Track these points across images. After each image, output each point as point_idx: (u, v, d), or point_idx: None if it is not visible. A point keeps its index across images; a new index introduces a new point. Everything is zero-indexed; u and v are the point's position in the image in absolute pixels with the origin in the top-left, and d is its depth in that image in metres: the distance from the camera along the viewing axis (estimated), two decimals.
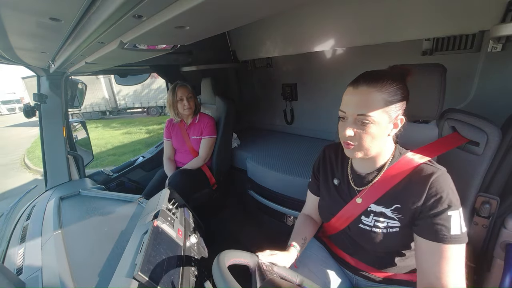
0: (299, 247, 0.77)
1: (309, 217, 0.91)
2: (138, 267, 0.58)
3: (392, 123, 0.64)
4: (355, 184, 0.75)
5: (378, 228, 0.68)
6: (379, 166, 0.71)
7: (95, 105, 12.99)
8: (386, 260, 0.75)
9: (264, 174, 1.70)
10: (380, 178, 0.69)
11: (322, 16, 1.48)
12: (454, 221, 0.57)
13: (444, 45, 1.27)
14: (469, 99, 1.19)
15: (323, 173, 0.85)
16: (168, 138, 1.81)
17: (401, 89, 0.62)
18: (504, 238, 0.80)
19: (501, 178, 0.77)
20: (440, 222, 0.58)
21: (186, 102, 1.64)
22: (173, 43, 0.67)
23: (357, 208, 0.72)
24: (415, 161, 0.66)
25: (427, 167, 0.64)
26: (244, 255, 0.63)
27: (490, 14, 0.96)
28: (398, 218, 0.66)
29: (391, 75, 0.63)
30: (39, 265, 0.73)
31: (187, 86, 1.66)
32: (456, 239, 0.57)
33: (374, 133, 0.62)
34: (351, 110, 0.63)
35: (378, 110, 0.60)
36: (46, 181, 1.45)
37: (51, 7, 0.43)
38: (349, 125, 0.64)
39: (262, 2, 0.40)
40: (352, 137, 0.64)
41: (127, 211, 1.00)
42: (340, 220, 0.77)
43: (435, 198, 0.59)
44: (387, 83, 0.61)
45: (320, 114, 2.07)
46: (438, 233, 0.58)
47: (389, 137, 0.67)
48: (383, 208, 0.68)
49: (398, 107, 0.63)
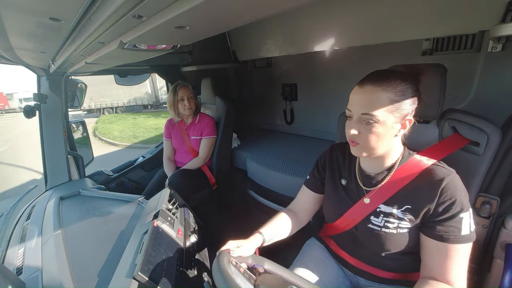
0: (267, 236, 0.75)
1: (293, 216, 0.87)
2: (138, 267, 0.58)
3: (400, 123, 0.62)
4: (363, 184, 0.74)
5: (388, 229, 0.68)
6: (388, 167, 0.70)
7: (138, 99, 14.74)
8: (388, 261, 0.74)
9: (264, 174, 1.70)
10: (390, 179, 0.68)
11: (322, 16, 1.48)
12: (465, 222, 0.58)
13: (444, 45, 1.27)
14: (469, 99, 1.19)
15: (330, 172, 0.84)
16: (168, 138, 1.81)
17: (410, 89, 0.61)
18: (504, 238, 0.80)
19: (501, 178, 0.77)
20: (453, 224, 0.58)
21: (187, 102, 1.64)
22: (173, 43, 0.67)
23: (365, 208, 0.72)
24: (424, 163, 0.65)
25: (439, 169, 0.63)
26: (224, 256, 0.62)
27: (490, 14, 0.96)
28: (408, 219, 0.65)
29: (399, 75, 0.62)
30: (39, 265, 0.73)
31: (188, 86, 1.67)
32: (465, 238, 0.58)
33: (380, 133, 0.61)
34: (356, 109, 0.63)
35: (383, 109, 0.59)
36: (46, 181, 1.45)
37: (51, 7, 0.43)
38: (354, 124, 0.64)
39: (262, 2, 0.40)
40: (357, 136, 0.64)
41: (127, 211, 1.00)
42: (347, 220, 0.76)
43: (449, 202, 0.59)
44: (394, 82, 0.60)
45: (320, 114, 2.06)
46: (449, 234, 0.58)
47: (397, 138, 0.66)
48: (393, 209, 0.67)
49: (406, 108, 0.61)
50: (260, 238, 0.74)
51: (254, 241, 0.71)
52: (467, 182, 0.81)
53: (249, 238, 0.72)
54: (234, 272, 0.55)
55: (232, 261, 0.59)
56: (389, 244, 0.68)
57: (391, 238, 0.67)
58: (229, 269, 0.54)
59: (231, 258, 0.60)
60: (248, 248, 0.68)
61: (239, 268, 0.58)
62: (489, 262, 0.85)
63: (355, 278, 0.83)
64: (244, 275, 0.56)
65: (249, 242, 0.70)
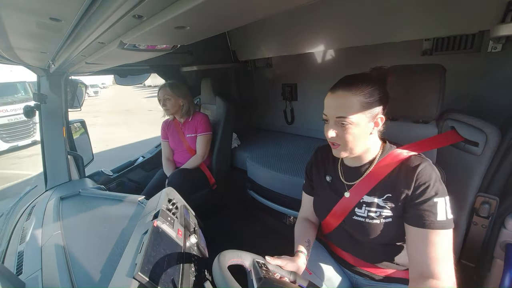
0: (305, 251, 0.78)
1: (307, 220, 0.91)
2: (138, 267, 0.58)
3: (373, 122, 0.68)
4: (346, 178, 0.78)
5: (371, 219, 0.71)
6: (369, 161, 0.74)
7: None
8: (383, 256, 0.76)
9: (264, 174, 1.70)
10: (370, 171, 0.73)
11: (322, 16, 1.48)
12: (440, 207, 0.61)
13: (444, 45, 1.27)
14: (469, 99, 1.19)
15: (316, 172, 0.88)
16: (165, 139, 1.83)
17: (377, 90, 0.66)
18: (504, 238, 0.80)
19: (500, 178, 0.77)
20: (427, 208, 0.61)
21: (163, 103, 1.70)
22: (173, 43, 0.67)
23: (349, 202, 0.75)
24: (404, 154, 0.70)
25: (415, 158, 0.68)
26: (244, 255, 0.63)
27: (490, 14, 0.96)
28: (390, 207, 0.68)
29: (368, 78, 0.67)
30: (39, 265, 0.73)
31: (167, 87, 1.69)
32: (442, 224, 0.60)
33: (355, 133, 0.66)
34: (331, 113, 0.69)
35: (355, 112, 0.65)
36: (46, 181, 1.45)
37: (51, 7, 0.44)
38: (331, 127, 0.69)
39: (262, 2, 0.40)
40: (335, 138, 0.70)
41: (127, 211, 1.00)
42: (335, 216, 0.79)
43: (424, 187, 0.63)
44: (362, 86, 0.65)
45: (320, 114, 2.05)
46: (425, 219, 0.61)
47: (373, 135, 0.71)
48: (375, 198, 0.71)
49: (377, 107, 0.66)
50: (304, 257, 0.76)
51: (298, 259, 0.74)
52: (466, 182, 0.81)
53: (293, 257, 0.74)
54: (255, 275, 0.56)
55: (258, 263, 0.61)
56: (373, 233, 0.70)
57: (375, 228, 0.70)
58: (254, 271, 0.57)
59: (256, 260, 0.62)
60: (290, 263, 0.70)
61: (260, 272, 0.58)
62: (489, 262, 0.85)
63: (354, 277, 0.84)
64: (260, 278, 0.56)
65: (291, 258, 0.73)
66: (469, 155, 0.76)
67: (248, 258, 0.63)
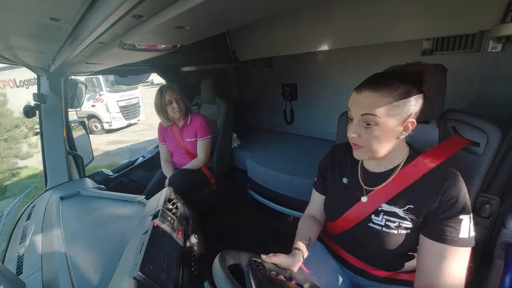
0: (304, 248, 0.75)
1: (313, 218, 0.89)
2: (138, 267, 0.58)
3: (402, 126, 0.62)
4: (365, 183, 0.74)
5: (389, 229, 0.67)
6: (392, 167, 0.69)
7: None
8: (389, 261, 0.74)
9: (264, 174, 1.70)
10: (393, 178, 0.68)
11: (322, 16, 1.48)
12: (464, 225, 0.57)
13: (444, 45, 1.27)
14: (469, 99, 1.19)
15: (332, 171, 0.84)
16: (163, 142, 1.78)
17: (411, 91, 0.60)
18: (504, 238, 0.79)
19: (501, 178, 0.77)
20: (451, 225, 0.58)
21: (175, 105, 1.58)
22: (173, 43, 0.67)
23: (366, 207, 0.71)
24: (430, 163, 0.64)
25: (443, 169, 0.63)
26: (244, 255, 0.63)
27: (490, 14, 0.96)
28: (410, 219, 0.65)
29: (400, 77, 0.61)
30: (39, 265, 0.73)
31: (174, 88, 1.61)
32: (463, 242, 0.57)
33: (380, 136, 0.61)
34: (355, 113, 0.63)
35: (383, 114, 0.59)
36: (46, 181, 1.45)
37: (51, 7, 0.44)
38: (355, 126, 0.64)
39: (262, 2, 0.40)
40: (358, 139, 0.64)
41: (127, 211, 1.00)
42: (348, 219, 0.75)
43: (451, 202, 0.59)
44: (393, 86, 0.59)
45: (320, 114, 2.06)
46: (446, 235, 0.57)
47: (400, 140, 0.65)
48: (396, 208, 0.67)
49: (408, 110, 0.60)
50: (300, 254, 0.73)
51: (293, 256, 0.71)
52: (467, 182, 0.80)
53: (289, 254, 0.72)
54: (252, 274, 0.56)
55: (255, 262, 0.60)
56: (389, 243, 0.67)
57: (392, 238, 0.67)
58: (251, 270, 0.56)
59: (253, 259, 0.62)
60: (285, 260, 0.68)
61: (259, 271, 0.58)
62: (489, 262, 0.85)
63: (355, 277, 0.83)
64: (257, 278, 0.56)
65: (287, 255, 0.70)
66: (470, 155, 0.76)
67: (247, 258, 0.63)
